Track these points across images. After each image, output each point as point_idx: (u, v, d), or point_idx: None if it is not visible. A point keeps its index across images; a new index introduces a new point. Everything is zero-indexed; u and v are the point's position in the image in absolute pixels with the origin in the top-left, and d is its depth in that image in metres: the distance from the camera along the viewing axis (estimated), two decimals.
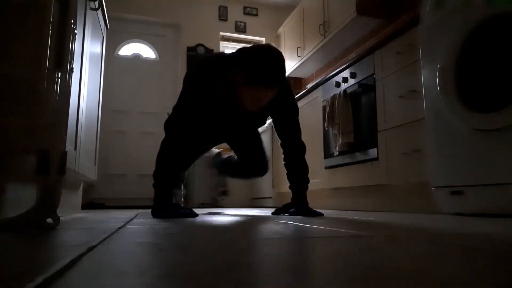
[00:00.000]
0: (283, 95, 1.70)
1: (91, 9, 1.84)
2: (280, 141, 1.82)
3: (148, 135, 4.23)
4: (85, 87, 1.76)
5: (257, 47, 1.53)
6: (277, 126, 1.80)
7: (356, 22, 3.25)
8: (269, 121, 3.58)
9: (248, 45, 1.58)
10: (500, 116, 1.41)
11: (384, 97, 2.22)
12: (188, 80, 1.64)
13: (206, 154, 2.25)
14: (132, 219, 1.45)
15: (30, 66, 1.04)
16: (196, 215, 1.58)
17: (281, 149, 1.83)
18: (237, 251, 0.56)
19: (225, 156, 2.34)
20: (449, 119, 1.63)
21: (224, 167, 2.33)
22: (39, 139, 0.97)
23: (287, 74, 4.51)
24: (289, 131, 1.78)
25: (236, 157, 2.19)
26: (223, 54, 1.68)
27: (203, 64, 1.63)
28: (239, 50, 1.55)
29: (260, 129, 4.15)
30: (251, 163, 2.08)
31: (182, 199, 2.34)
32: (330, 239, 0.71)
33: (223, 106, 1.66)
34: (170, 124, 1.61)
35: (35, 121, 1.01)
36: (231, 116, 1.73)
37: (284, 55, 4.83)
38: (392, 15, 3.15)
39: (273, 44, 1.60)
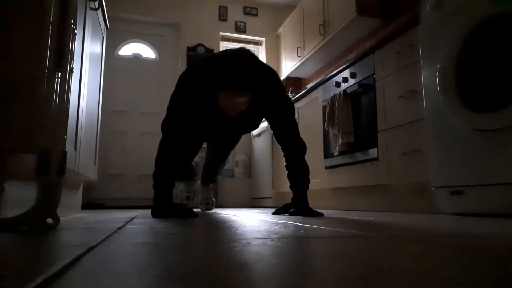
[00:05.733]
0: (274, 96, 1.71)
1: (91, 9, 1.84)
2: (280, 146, 1.82)
3: (148, 135, 4.23)
4: (85, 87, 1.76)
5: (225, 52, 1.52)
6: (274, 128, 1.80)
7: (356, 22, 3.25)
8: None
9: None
10: (500, 116, 1.41)
11: (384, 97, 2.22)
12: (179, 81, 1.67)
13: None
14: (132, 219, 1.45)
15: (30, 66, 1.04)
16: (196, 215, 1.58)
17: (282, 152, 1.82)
18: (237, 251, 0.56)
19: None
20: (449, 119, 1.63)
21: (203, 179, 2.50)
22: (39, 139, 0.97)
23: (287, 74, 4.54)
24: (287, 131, 1.78)
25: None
26: (210, 58, 1.67)
27: (193, 67, 1.67)
28: (217, 55, 1.56)
29: (259, 130, 4.18)
30: (214, 159, 2.33)
31: (195, 192, 2.41)
32: (330, 239, 0.71)
33: (209, 112, 1.67)
34: (164, 124, 1.62)
35: (35, 121, 1.01)
36: (220, 119, 1.74)
37: (284, 55, 4.84)
38: (392, 15, 3.15)
39: (247, 47, 1.59)
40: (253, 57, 1.50)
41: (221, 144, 2.25)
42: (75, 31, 1.06)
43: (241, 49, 1.52)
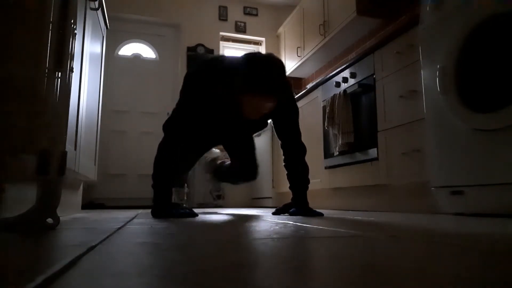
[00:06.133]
0: (284, 98, 1.71)
1: (91, 9, 1.84)
2: (280, 142, 1.83)
3: (148, 135, 4.23)
4: (85, 87, 1.75)
5: (260, 55, 1.52)
6: (278, 129, 1.81)
7: (356, 22, 3.25)
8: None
9: (251, 51, 1.58)
10: (500, 116, 1.41)
11: (384, 97, 2.22)
12: (188, 83, 1.64)
13: (203, 159, 2.31)
14: (132, 219, 1.45)
15: (30, 66, 1.04)
16: (196, 215, 1.58)
17: (281, 150, 1.83)
18: (237, 251, 0.56)
19: (219, 162, 2.38)
20: (449, 119, 1.63)
21: (217, 173, 2.39)
22: (39, 139, 0.97)
23: (287, 74, 4.53)
24: (290, 133, 1.79)
25: (228, 163, 2.25)
26: (224, 58, 1.68)
27: (204, 68, 1.63)
28: (243, 57, 1.53)
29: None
30: (242, 169, 2.13)
31: (185, 198, 2.38)
32: (330, 239, 0.71)
33: (223, 112, 1.66)
34: (168, 126, 1.61)
35: (35, 121, 1.01)
36: (231, 121, 1.74)
37: (284, 55, 4.85)
38: (392, 15, 3.15)
39: (247, 47, 1.61)
40: (282, 64, 1.54)
41: (234, 148, 2.16)
42: (75, 31, 1.06)
43: (270, 54, 1.55)
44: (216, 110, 1.67)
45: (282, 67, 1.52)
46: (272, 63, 1.49)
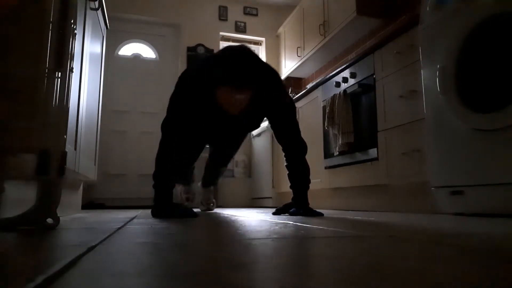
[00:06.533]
0: (275, 94, 1.70)
1: (91, 9, 1.84)
2: (281, 146, 1.82)
3: (148, 135, 4.23)
4: (85, 87, 1.75)
5: (225, 48, 1.50)
6: (275, 128, 1.80)
7: (356, 22, 3.25)
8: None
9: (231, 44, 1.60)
10: (500, 116, 1.41)
11: (384, 97, 2.22)
12: (179, 81, 1.67)
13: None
14: (132, 219, 1.45)
15: (30, 66, 1.04)
16: (196, 215, 1.58)
17: (282, 152, 1.82)
18: (237, 251, 0.56)
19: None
20: (449, 119, 1.63)
21: (205, 180, 2.52)
22: (39, 139, 0.97)
23: (287, 74, 4.54)
24: (288, 132, 1.77)
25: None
26: (211, 56, 1.70)
27: (195, 67, 1.66)
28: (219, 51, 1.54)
29: (259, 130, 4.17)
30: (216, 160, 2.33)
31: (195, 195, 2.43)
32: (330, 239, 0.71)
33: (211, 108, 1.67)
34: (164, 124, 1.62)
35: (35, 121, 1.01)
36: (220, 118, 1.73)
37: (284, 55, 4.83)
38: (392, 15, 3.15)
39: (247, 45, 1.58)
40: (253, 54, 1.50)
41: (222, 146, 2.25)
42: (75, 31, 1.06)
43: (241, 45, 1.52)
44: (205, 107, 1.67)
45: (247, 56, 1.46)
46: (236, 53, 1.45)
